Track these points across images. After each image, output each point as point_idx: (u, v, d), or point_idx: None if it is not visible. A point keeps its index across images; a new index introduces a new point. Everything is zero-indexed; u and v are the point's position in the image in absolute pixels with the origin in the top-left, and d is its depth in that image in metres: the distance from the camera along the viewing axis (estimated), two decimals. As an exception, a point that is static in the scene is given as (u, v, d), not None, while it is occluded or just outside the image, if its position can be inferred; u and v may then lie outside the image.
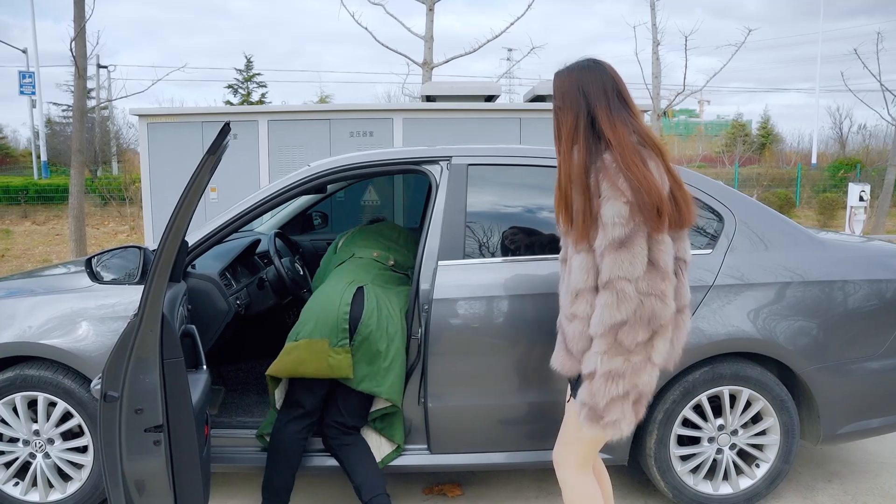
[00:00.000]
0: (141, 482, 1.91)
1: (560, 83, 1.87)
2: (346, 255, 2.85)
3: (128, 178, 16.78)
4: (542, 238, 2.66)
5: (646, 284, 1.68)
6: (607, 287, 1.70)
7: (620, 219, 1.68)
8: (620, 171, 1.70)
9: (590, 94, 1.81)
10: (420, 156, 2.78)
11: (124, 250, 2.56)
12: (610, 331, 1.69)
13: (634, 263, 1.68)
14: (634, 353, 1.70)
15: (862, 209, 11.13)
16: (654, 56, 14.26)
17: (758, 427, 2.71)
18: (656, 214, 1.69)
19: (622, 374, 1.70)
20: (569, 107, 1.83)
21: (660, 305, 1.70)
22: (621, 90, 1.83)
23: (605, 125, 1.77)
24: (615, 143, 1.74)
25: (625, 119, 1.79)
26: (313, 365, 2.45)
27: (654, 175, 1.72)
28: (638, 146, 1.75)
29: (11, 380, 2.60)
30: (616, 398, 1.70)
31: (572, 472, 2.00)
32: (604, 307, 1.70)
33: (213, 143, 1.83)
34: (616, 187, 1.69)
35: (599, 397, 1.70)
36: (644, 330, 1.69)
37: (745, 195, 2.89)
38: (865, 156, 25.51)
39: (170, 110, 7.00)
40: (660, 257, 1.71)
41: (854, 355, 2.69)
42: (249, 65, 32.83)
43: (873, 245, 3.00)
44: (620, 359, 1.70)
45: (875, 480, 3.07)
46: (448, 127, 6.25)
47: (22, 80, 24.27)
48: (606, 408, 1.71)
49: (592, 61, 1.86)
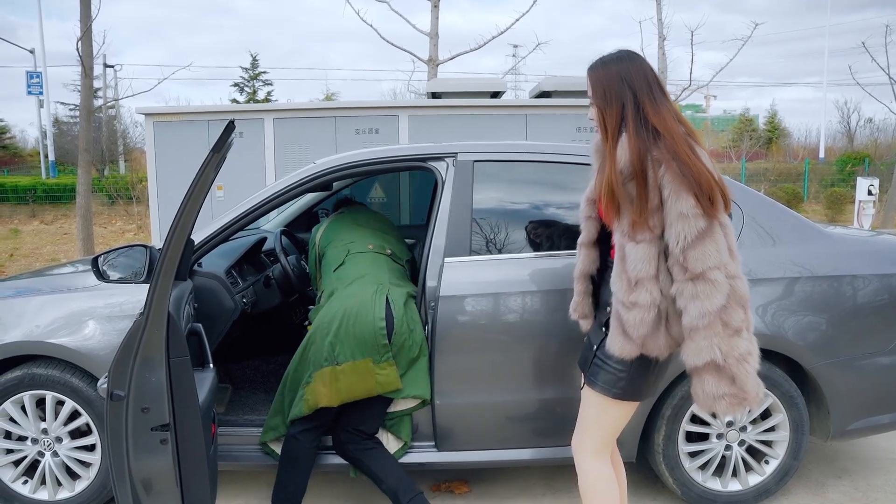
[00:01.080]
0: (148, 481, 1.91)
1: (600, 76, 1.88)
2: (341, 252, 2.73)
3: (135, 177, 16.84)
4: (558, 232, 2.66)
5: (732, 268, 1.75)
6: (700, 279, 1.73)
7: (696, 210, 1.72)
8: (679, 161, 1.73)
9: (634, 84, 1.82)
10: (426, 152, 2.77)
11: (130, 249, 2.57)
12: (716, 318, 1.72)
13: (720, 251, 1.74)
14: (744, 330, 1.75)
15: (871, 203, 11.04)
16: (660, 51, 14.19)
17: (767, 423, 2.69)
18: (710, 202, 1.73)
19: (749, 351, 1.75)
20: (614, 97, 1.84)
21: (742, 285, 1.77)
22: (659, 80, 1.86)
23: (651, 113, 1.79)
24: (664, 131, 1.76)
25: (668, 107, 1.82)
26: (363, 387, 2.43)
27: (706, 163, 1.77)
28: (685, 135, 1.79)
29: (20, 378, 2.61)
30: (752, 374, 1.75)
31: (590, 458, 2.03)
32: (703, 299, 1.72)
33: (218, 141, 1.82)
34: (682, 178, 1.72)
35: (743, 381, 1.73)
36: (740, 309, 1.74)
37: (754, 190, 2.87)
38: (874, 149, 25.34)
39: (176, 109, 7.01)
40: (731, 240, 1.78)
41: (864, 351, 2.67)
42: (255, 63, 32.91)
43: (883, 239, 2.97)
44: (739, 339, 1.74)
45: (886, 477, 3.05)
46: (454, 124, 6.23)
47: (29, 81, 24.38)
48: (753, 386, 1.74)
49: (630, 52, 1.89)
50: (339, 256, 2.72)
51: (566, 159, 2.73)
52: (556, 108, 6.29)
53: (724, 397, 1.74)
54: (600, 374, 1.95)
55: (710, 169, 1.76)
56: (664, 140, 1.75)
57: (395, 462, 2.56)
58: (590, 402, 2.01)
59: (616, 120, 1.83)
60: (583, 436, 2.05)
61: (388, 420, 2.62)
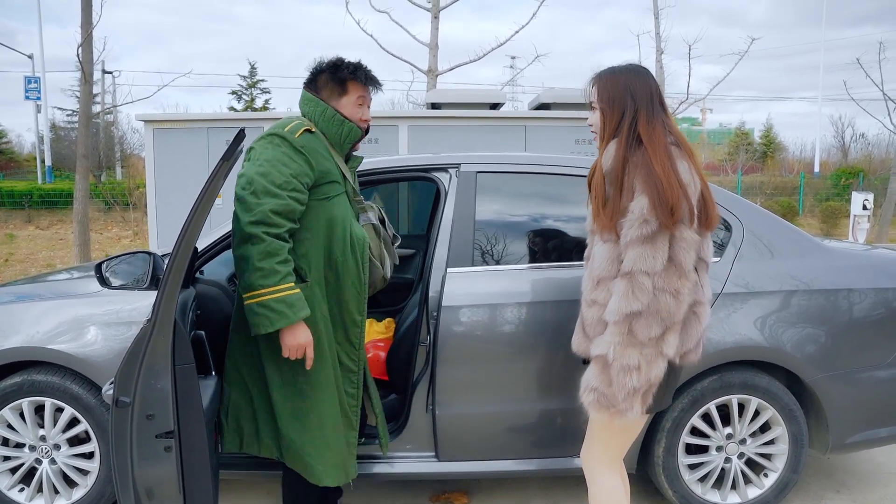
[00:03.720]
0: (151, 488, 1.91)
1: (608, 83, 1.95)
2: None
3: (132, 183, 16.81)
4: (562, 243, 2.68)
5: (662, 280, 1.77)
6: (626, 277, 1.79)
7: (648, 214, 1.76)
8: (648, 168, 1.78)
9: (637, 96, 1.90)
10: (429, 163, 2.78)
11: (133, 255, 2.57)
12: (625, 320, 1.78)
13: (656, 258, 1.77)
14: (647, 346, 1.78)
15: (865, 218, 11.11)
16: (658, 65, 14.30)
17: (766, 436, 2.70)
18: (669, 213, 1.76)
19: (637, 367, 1.78)
20: (617, 105, 1.91)
21: (673, 303, 1.78)
22: (661, 96, 1.94)
23: (643, 124, 1.86)
24: (647, 141, 1.83)
25: (663, 121, 1.89)
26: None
27: (684, 174, 1.81)
28: (671, 146, 1.85)
29: (19, 385, 2.60)
30: (631, 391, 1.78)
31: (601, 469, 2.04)
32: (621, 296, 1.79)
33: (228, 149, 1.84)
34: (645, 183, 1.78)
35: (618, 388, 1.79)
36: (657, 325, 1.78)
37: (752, 203, 2.89)
38: (868, 164, 25.51)
39: (175, 116, 7.02)
40: (681, 255, 1.79)
41: (862, 364, 2.68)
42: (253, 71, 32.92)
43: (879, 253, 2.99)
44: (635, 352, 1.78)
45: (885, 491, 3.05)
46: (453, 134, 6.26)
47: (27, 86, 24.37)
48: (624, 399, 1.79)
49: (640, 66, 1.98)
50: None
51: (570, 171, 2.75)
52: (555, 120, 6.33)
53: (594, 391, 1.84)
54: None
55: (684, 181, 1.80)
56: (644, 148, 1.82)
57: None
58: (595, 416, 2.01)
59: (614, 126, 1.91)
60: (590, 449, 2.06)
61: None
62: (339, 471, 2.30)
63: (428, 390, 2.58)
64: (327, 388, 2.27)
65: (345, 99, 2.30)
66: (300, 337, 2.12)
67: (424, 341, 2.58)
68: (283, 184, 2.09)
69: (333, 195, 2.26)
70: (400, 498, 2.98)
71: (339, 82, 2.29)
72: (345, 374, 2.33)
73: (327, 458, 2.28)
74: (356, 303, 2.30)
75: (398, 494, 3.00)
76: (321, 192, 2.22)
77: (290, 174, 2.11)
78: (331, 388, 2.28)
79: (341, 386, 2.32)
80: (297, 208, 2.14)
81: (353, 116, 2.31)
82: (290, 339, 2.11)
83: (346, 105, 2.30)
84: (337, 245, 2.24)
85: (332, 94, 2.30)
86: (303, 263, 2.22)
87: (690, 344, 1.91)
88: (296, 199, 2.12)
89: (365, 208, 2.47)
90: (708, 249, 1.95)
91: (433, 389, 2.56)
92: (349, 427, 2.34)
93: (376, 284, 2.40)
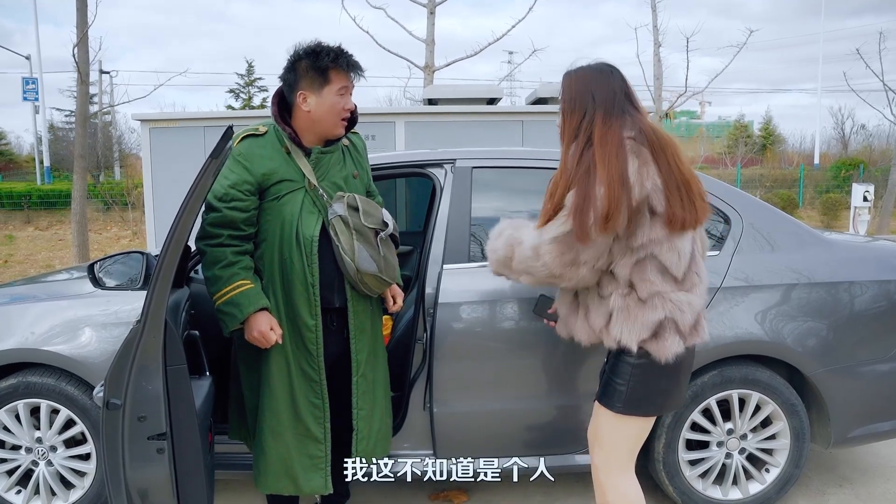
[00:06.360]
0: (144, 490, 1.88)
1: (571, 83, 1.90)
2: None
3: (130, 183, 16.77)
4: None
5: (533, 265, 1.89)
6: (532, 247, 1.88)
7: (565, 214, 1.79)
8: (587, 174, 1.77)
9: (597, 96, 1.84)
10: (424, 159, 2.76)
11: (127, 256, 2.55)
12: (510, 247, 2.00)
13: (563, 256, 1.82)
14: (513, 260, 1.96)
15: (866, 209, 11.09)
16: (656, 58, 14.23)
17: (767, 431, 2.67)
18: (603, 219, 1.73)
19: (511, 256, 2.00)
20: (577, 107, 1.87)
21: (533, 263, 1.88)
22: (629, 94, 1.88)
23: (599, 126, 1.81)
24: (596, 144, 1.79)
25: (632, 119, 1.83)
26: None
27: (631, 176, 1.74)
28: (626, 142, 1.78)
29: (14, 387, 2.58)
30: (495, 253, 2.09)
31: (618, 474, 2.00)
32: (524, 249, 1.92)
33: (216, 147, 1.81)
34: (579, 188, 1.78)
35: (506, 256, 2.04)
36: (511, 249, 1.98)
37: (751, 196, 2.86)
38: (868, 156, 25.45)
39: (172, 115, 6.99)
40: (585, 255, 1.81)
41: (864, 357, 2.66)
42: (251, 69, 32.83)
43: (880, 245, 2.97)
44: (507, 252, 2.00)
45: (887, 485, 3.03)
46: (450, 130, 6.23)
47: (25, 87, 24.35)
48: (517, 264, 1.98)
49: (606, 65, 1.90)
50: None
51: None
52: (553, 114, 6.27)
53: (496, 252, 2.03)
54: (606, 389, 1.95)
55: (633, 181, 1.73)
56: (594, 150, 1.78)
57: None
58: (600, 418, 1.99)
59: (573, 127, 1.87)
60: (599, 452, 2.02)
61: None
62: (280, 480, 2.26)
63: (425, 388, 2.56)
64: (277, 392, 2.24)
65: (326, 89, 2.19)
66: (253, 329, 2.16)
67: (421, 338, 2.56)
68: (222, 196, 2.16)
69: (283, 194, 2.20)
70: (399, 496, 2.96)
71: (321, 71, 2.17)
72: (307, 383, 2.25)
73: (261, 463, 2.29)
74: (306, 306, 2.21)
75: (397, 493, 2.98)
76: (270, 194, 2.21)
77: (228, 185, 2.16)
78: (282, 393, 2.23)
79: (300, 394, 2.24)
80: (238, 216, 2.18)
81: (334, 107, 2.22)
82: (247, 333, 2.18)
83: (327, 95, 2.20)
84: (285, 245, 2.20)
85: (313, 84, 2.18)
86: (260, 265, 2.26)
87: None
88: (235, 209, 2.17)
89: (332, 201, 2.24)
90: (701, 239, 1.94)
91: (430, 387, 2.54)
92: (310, 439, 2.26)
93: (364, 281, 2.21)
